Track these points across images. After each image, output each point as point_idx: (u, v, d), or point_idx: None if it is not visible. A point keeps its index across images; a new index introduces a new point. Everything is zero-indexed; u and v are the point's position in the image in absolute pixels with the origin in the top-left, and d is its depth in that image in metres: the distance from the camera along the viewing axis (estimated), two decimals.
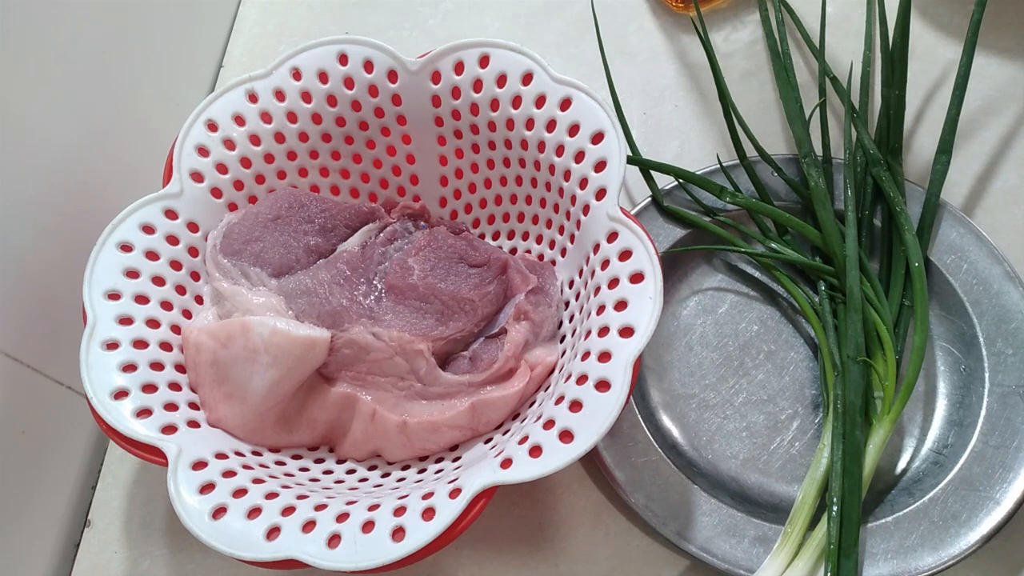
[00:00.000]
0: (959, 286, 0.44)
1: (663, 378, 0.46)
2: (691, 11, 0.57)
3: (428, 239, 0.41)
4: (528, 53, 0.41)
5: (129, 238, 0.39)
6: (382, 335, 0.38)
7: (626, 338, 0.34)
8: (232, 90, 0.43)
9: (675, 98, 0.56)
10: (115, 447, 0.46)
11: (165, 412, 0.36)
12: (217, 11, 0.62)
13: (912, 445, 0.43)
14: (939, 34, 0.55)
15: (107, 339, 0.36)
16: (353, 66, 0.43)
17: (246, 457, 0.37)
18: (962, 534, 0.38)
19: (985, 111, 0.52)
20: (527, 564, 0.42)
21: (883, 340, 0.42)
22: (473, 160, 0.45)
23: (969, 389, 0.43)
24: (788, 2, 0.56)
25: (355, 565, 0.31)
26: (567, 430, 0.33)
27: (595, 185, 0.38)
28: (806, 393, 0.45)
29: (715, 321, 0.47)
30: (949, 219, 0.46)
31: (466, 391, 0.39)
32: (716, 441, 0.44)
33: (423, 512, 0.32)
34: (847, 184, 0.46)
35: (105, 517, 0.44)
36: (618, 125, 0.38)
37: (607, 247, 0.37)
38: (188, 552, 0.43)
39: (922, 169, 0.50)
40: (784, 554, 0.38)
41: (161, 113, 0.53)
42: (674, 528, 0.40)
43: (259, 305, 0.39)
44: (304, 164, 0.46)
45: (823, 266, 0.46)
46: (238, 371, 0.37)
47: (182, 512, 0.32)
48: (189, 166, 0.42)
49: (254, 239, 0.41)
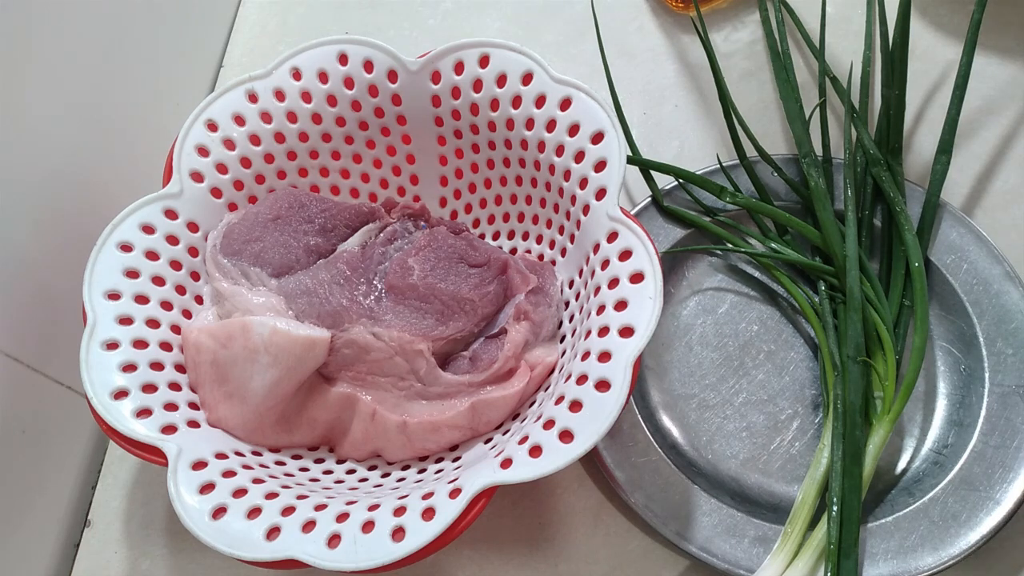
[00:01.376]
0: (959, 286, 0.44)
1: (663, 378, 0.46)
2: (691, 11, 0.57)
3: (428, 239, 0.41)
4: (528, 53, 0.41)
5: (129, 238, 0.39)
6: (382, 335, 0.38)
7: (626, 338, 0.34)
8: (232, 90, 0.43)
9: (675, 98, 0.56)
10: (115, 447, 0.46)
11: (165, 412, 0.36)
12: (217, 11, 0.62)
13: (912, 445, 0.43)
14: (939, 34, 0.55)
15: (107, 339, 0.36)
16: (353, 66, 0.43)
17: (246, 457, 0.37)
18: (962, 534, 0.38)
19: (985, 111, 0.52)
20: (527, 564, 0.42)
21: (883, 340, 0.42)
22: (473, 160, 0.45)
23: (969, 389, 0.43)
24: (788, 2, 0.56)
25: (355, 565, 0.31)
26: (567, 430, 0.33)
27: (595, 185, 0.38)
28: (806, 393, 0.45)
29: (715, 321, 0.47)
30: (949, 219, 0.46)
31: (466, 391, 0.39)
32: (716, 441, 0.44)
33: (423, 512, 0.32)
34: (847, 184, 0.46)
35: (105, 517, 0.44)
36: (618, 125, 0.38)
37: (607, 247, 0.37)
38: (188, 552, 0.43)
39: (922, 169, 0.50)
40: (784, 554, 0.38)
41: (161, 113, 0.53)
42: (674, 528, 0.40)
43: (259, 305, 0.39)
44: (304, 164, 0.46)
45: (823, 266, 0.46)
46: (238, 371, 0.37)
47: (182, 512, 0.32)
48: (189, 166, 0.42)
49: (254, 239, 0.41)
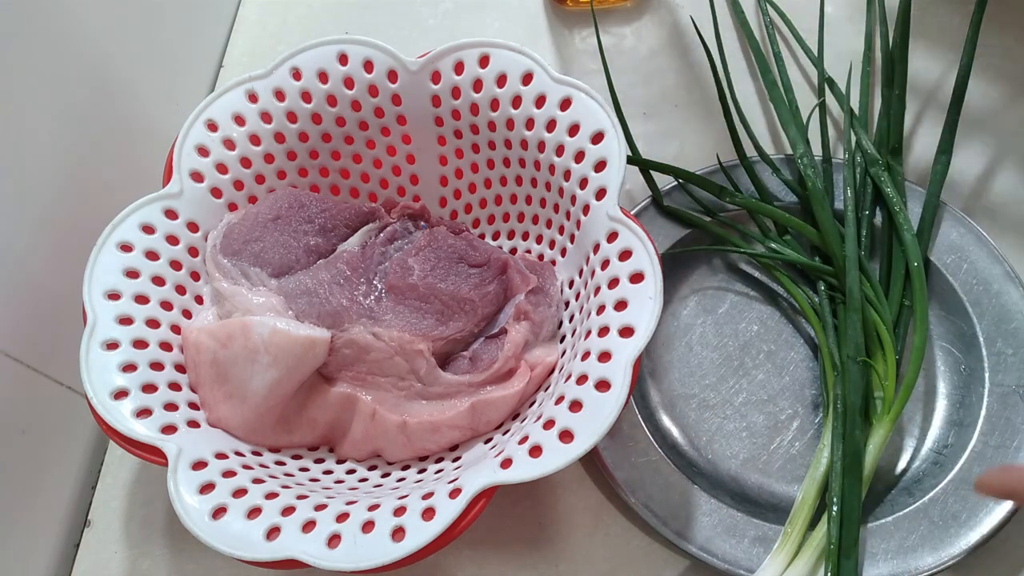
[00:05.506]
0: (959, 286, 0.44)
1: (663, 378, 0.46)
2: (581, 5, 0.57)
3: (428, 239, 0.41)
4: (528, 53, 0.41)
5: (129, 238, 0.39)
6: (382, 335, 0.38)
7: (626, 338, 0.34)
8: (232, 90, 0.43)
9: (675, 98, 0.56)
10: (115, 447, 0.46)
11: (165, 412, 0.36)
12: (217, 11, 0.62)
13: (912, 445, 0.43)
14: (939, 34, 0.55)
15: (107, 339, 0.36)
16: (353, 66, 0.43)
17: (246, 457, 0.37)
18: (962, 534, 0.38)
19: (985, 111, 0.52)
20: (527, 564, 0.42)
21: (883, 340, 0.42)
22: (473, 160, 0.45)
23: (969, 389, 0.43)
24: (788, 2, 0.56)
25: (355, 565, 0.31)
26: (567, 430, 0.33)
27: (595, 185, 0.38)
28: (806, 393, 0.44)
29: (715, 321, 0.47)
30: (949, 219, 0.46)
31: (466, 391, 0.39)
32: (716, 441, 0.44)
33: (423, 512, 0.32)
34: (846, 185, 0.46)
35: (105, 517, 0.44)
36: (618, 125, 0.38)
37: (607, 247, 0.37)
38: (188, 552, 0.43)
39: (922, 169, 0.50)
40: (784, 554, 0.38)
41: (161, 113, 0.53)
42: (674, 528, 0.40)
43: (259, 305, 0.39)
44: (304, 164, 0.46)
45: (823, 266, 0.46)
46: (238, 371, 0.37)
47: (182, 512, 0.32)
48: (189, 166, 0.42)
49: (254, 239, 0.41)
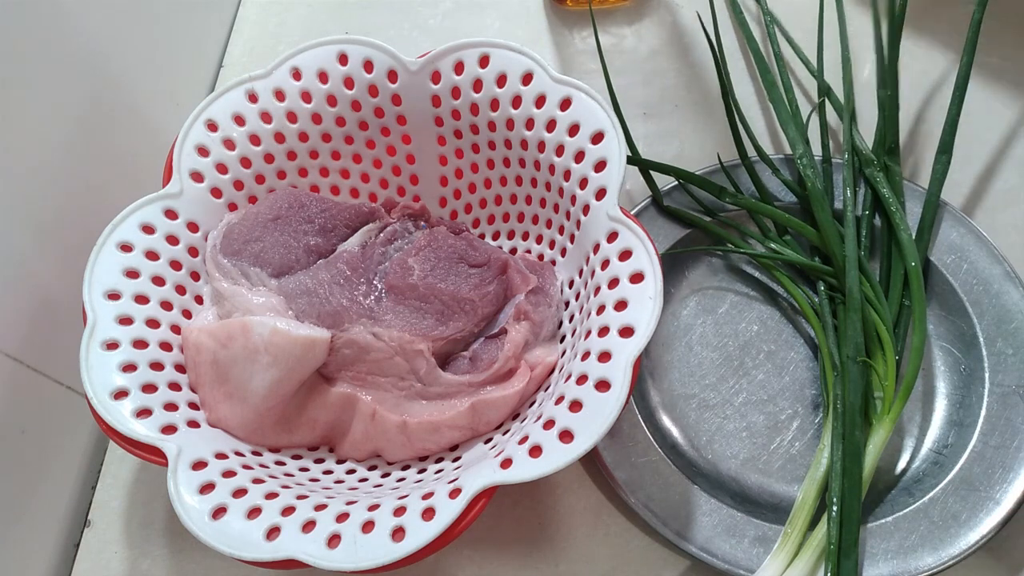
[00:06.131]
0: (959, 286, 0.44)
1: (663, 378, 0.46)
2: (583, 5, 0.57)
3: (428, 239, 0.41)
4: (528, 53, 0.41)
5: (129, 238, 0.39)
6: (382, 335, 0.38)
7: (626, 338, 0.34)
8: (232, 90, 0.43)
9: (675, 98, 0.56)
10: (115, 447, 0.46)
11: (165, 412, 0.36)
12: (217, 11, 0.62)
13: (912, 445, 0.43)
14: (939, 35, 0.55)
15: (107, 339, 0.36)
16: (353, 66, 0.43)
17: (246, 457, 0.37)
18: (962, 534, 0.38)
19: (985, 111, 0.52)
20: (527, 564, 0.42)
21: (883, 340, 0.42)
22: (473, 160, 0.45)
23: (969, 389, 0.43)
24: (786, 2, 0.56)
25: (355, 565, 0.31)
26: (567, 430, 0.33)
27: (595, 185, 0.38)
28: (806, 393, 0.44)
29: (715, 321, 0.47)
30: (949, 219, 0.46)
31: (466, 391, 0.39)
32: (716, 441, 0.44)
33: (423, 512, 0.32)
34: (846, 185, 0.46)
35: (105, 517, 0.44)
36: (618, 125, 0.38)
37: (607, 247, 0.37)
38: (188, 552, 0.43)
39: (922, 169, 0.50)
40: (784, 554, 0.38)
41: (161, 113, 0.53)
42: (674, 528, 0.40)
43: (259, 305, 0.39)
44: (304, 164, 0.46)
45: (823, 266, 0.46)
46: (238, 371, 0.37)
47: (182, 512, 0.32)
48: (189, 166, 0.42)
49: (254, 239, 0.41)
